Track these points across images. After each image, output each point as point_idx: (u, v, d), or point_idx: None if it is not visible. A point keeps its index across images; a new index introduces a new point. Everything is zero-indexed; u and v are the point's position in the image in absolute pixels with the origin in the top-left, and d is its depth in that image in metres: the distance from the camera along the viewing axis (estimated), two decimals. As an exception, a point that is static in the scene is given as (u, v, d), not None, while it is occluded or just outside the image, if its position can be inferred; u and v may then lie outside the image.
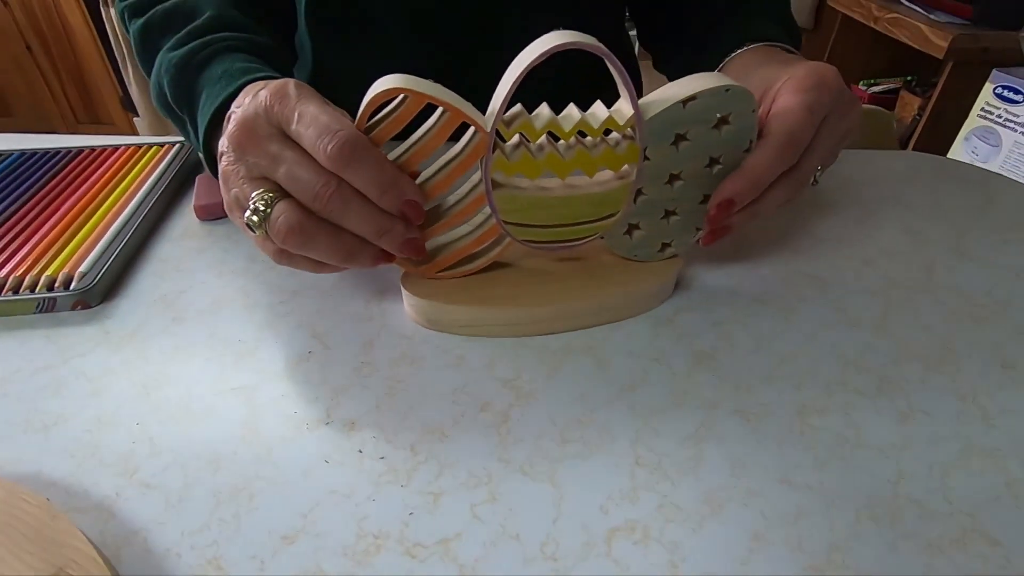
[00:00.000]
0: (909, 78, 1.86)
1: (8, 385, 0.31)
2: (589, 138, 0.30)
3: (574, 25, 0.28)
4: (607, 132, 0.30)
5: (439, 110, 0.29)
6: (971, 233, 0.42)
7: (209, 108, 0.35)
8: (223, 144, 0.30)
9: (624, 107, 0.30)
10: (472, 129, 0.29)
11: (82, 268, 0.36)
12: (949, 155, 1.40)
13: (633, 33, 0.67)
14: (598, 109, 0.30)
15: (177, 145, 0.50)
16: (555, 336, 0.34)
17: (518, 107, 0.29)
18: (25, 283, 0.35)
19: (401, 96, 0.28)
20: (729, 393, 0.30)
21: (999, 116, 1.25)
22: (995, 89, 1.24)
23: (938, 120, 1.51)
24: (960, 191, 0.48)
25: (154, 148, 0.50)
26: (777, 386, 0.30)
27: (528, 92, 0.30)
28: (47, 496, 0.25)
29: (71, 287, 0.35)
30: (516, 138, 0.30)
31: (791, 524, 0.24)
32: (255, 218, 0.28)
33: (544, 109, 0.30)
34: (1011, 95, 1.22)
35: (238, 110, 0.30)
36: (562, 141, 0.30)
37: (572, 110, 0.30)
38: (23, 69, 2.23)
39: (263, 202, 0.28)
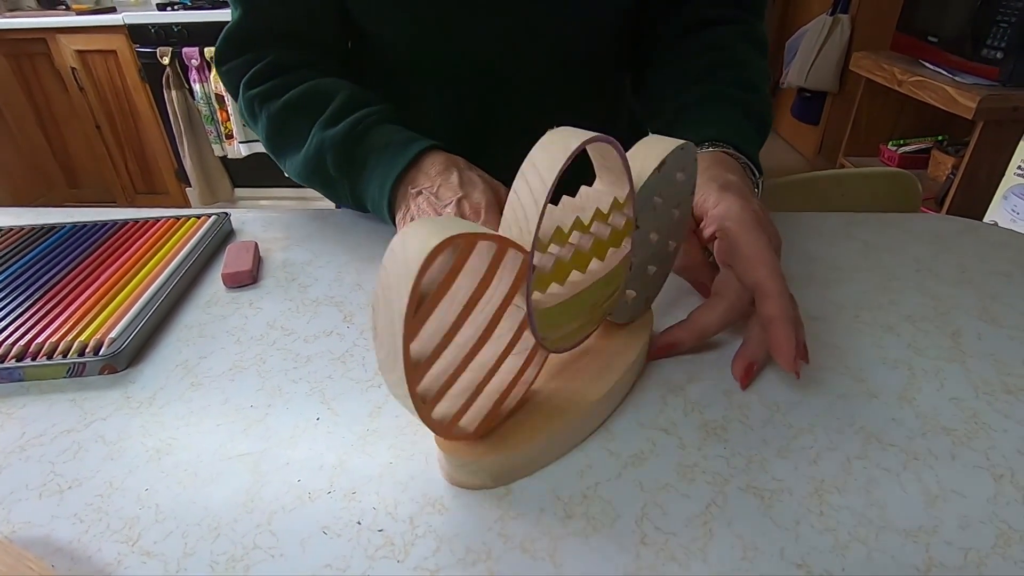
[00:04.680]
0: (940, 138, 1.85)
1: (32, 448, 0.32)
2: (594, 225, 0.30)
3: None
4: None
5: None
6: (1001, 298, 0.41)
7: (391, 173, 0.44)
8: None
9: (621, 187, 0.30)
10: (513, 254, 0.25)
11: (112, 334, 0.38)
12: (988, 214, 1.36)
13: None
14: (594, 192, 0.30)
15: (212, 217, 0.54)
16: (562, 404, 0.33)
17: (550, 221, 0.28)
18: (59, 348, 0.37)
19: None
20: (741, 468, 0.29)
21: (1037, 174, 1.22)
22: (1030, 148, 1.22)
23: (973, 179, 1.48)
24: (988, 254, 0.46)
25: (191, 220, 0.53)
26: (792, 460, 0.29)
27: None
28: (52, 563, 0.26)
29: (100, 352, 0.37)
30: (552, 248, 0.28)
31: (808, 616, 0.23)
32: None
33: (565, 215, 0.29)
34: (1048, 153, 1.19)
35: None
36: (576, 236, 0.29)
37: (582, 200, 0.30)
38: (92, 146, 2.44)
39: None
